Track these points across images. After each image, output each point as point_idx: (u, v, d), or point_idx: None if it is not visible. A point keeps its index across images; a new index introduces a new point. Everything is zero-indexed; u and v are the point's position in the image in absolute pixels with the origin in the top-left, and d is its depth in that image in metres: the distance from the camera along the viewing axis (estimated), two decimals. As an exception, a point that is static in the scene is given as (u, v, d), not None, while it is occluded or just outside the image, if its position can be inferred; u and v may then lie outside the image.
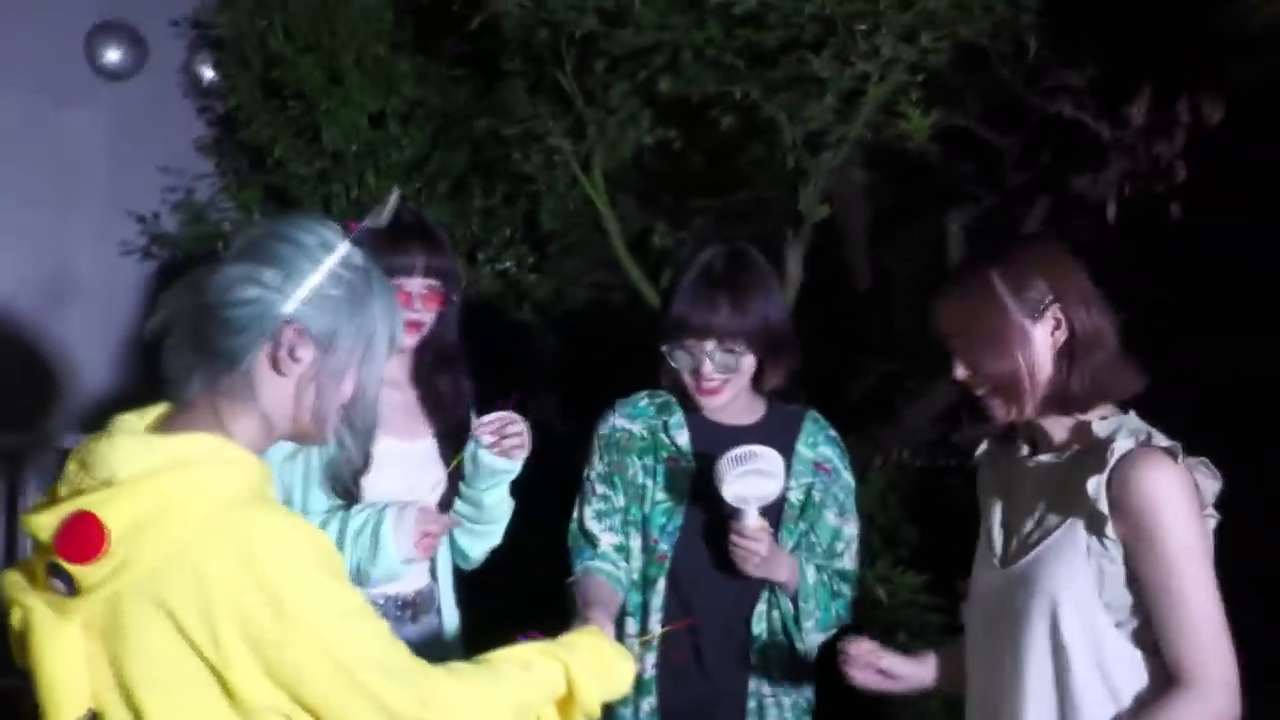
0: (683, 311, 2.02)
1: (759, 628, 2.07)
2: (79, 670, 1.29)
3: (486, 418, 2.03)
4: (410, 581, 2.06)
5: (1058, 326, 1.61)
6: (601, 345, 3.74)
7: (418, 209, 2.33)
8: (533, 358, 3.65)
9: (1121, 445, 1.56)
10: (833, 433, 2.19)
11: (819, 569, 2.09)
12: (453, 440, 2.10)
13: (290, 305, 1.33)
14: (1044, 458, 1.66)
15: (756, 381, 2.10)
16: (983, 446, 1.79)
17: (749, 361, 2.05)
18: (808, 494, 2.11)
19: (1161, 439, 1.59)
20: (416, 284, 2.04)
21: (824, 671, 2.08)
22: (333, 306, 1.35)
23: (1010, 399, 1.63)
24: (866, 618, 2.56)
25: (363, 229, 1.44)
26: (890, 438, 3.45)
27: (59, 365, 3.63)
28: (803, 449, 2.13)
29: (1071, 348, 1.61)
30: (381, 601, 2.01)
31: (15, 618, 1.32)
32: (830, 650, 2.17)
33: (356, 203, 3.43)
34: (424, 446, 2.12)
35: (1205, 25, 2.70)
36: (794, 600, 2.05)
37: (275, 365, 1.35)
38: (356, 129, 3.46)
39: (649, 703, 2.06)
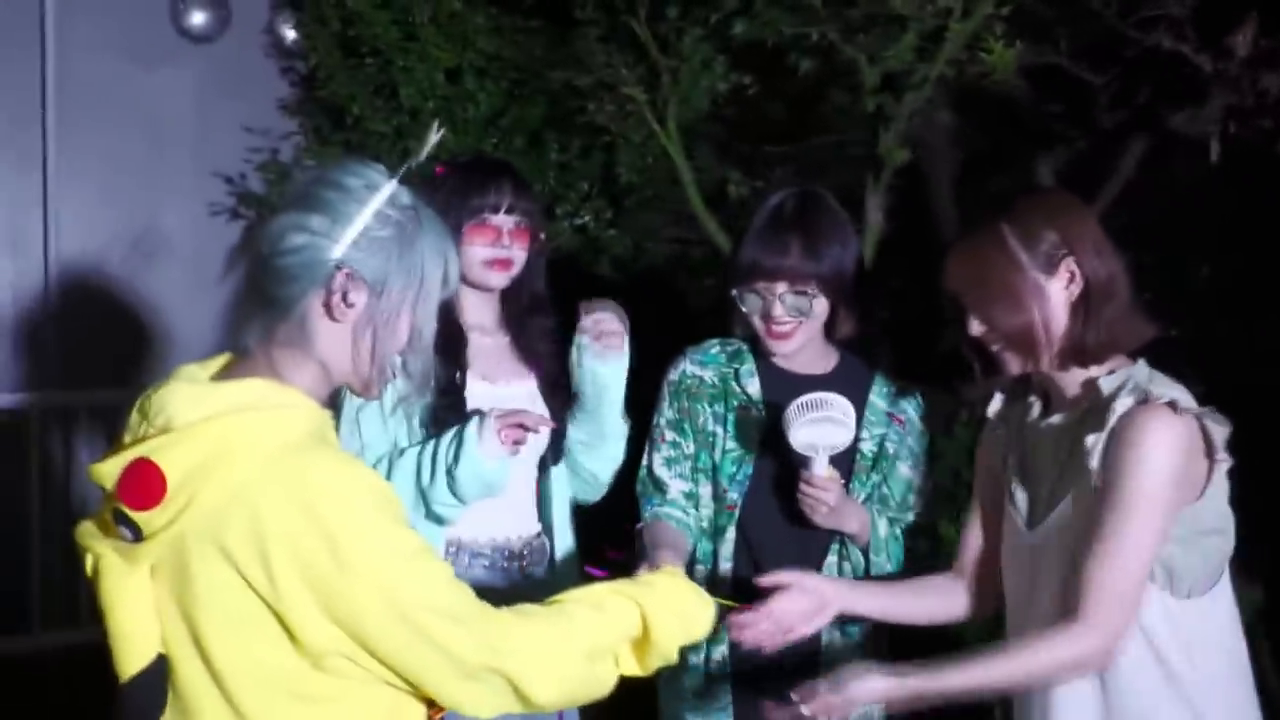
0: (753, 254, 2.00)
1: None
2: (148, 615, 1.31)
3: (585, 320, 2.03)
4: (516, 528, 2.06)
5: (1072, 279, 1.62)
6: (681, 301, 3.71)
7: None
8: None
9: (1122, 404, 1.58)
10: (908, 384, 2.13)
11: (891, 522, 2.05)
12: (554, 389, 2.10)
13: (339, 250, 1.33)
14: (1055, 419, 1.67)
15: (829, 329, 2.06)
16: (995, 404, 1.77)
17: (821, 305, 2.01)
18: (881, 445, 2.06)
19: (1165, 391, 1.59)
20: (505, 220, 2.03)
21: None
22: (382, 248, 1.34)
23: (1026, 353, 1.63)
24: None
25: (410, 165, 1.43)
26: (974, 391, 3.35)
27: (151, 324, 3.74)
28: (876, 399, 2.08)
29: (1086, 299, 1.62)
30: (489, 551, 2.02)
31: (89, 566, 1.35)
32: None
33: (434, 160, 3.44)
34: (524, 390, 2.10)
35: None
36: (865, 553, 2.02)
37: (329, 311, 1.34)
38: (433, 85, 3.48)
39: (720, 651, 2.04)
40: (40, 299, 3.78)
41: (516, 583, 2.03)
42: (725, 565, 2.04)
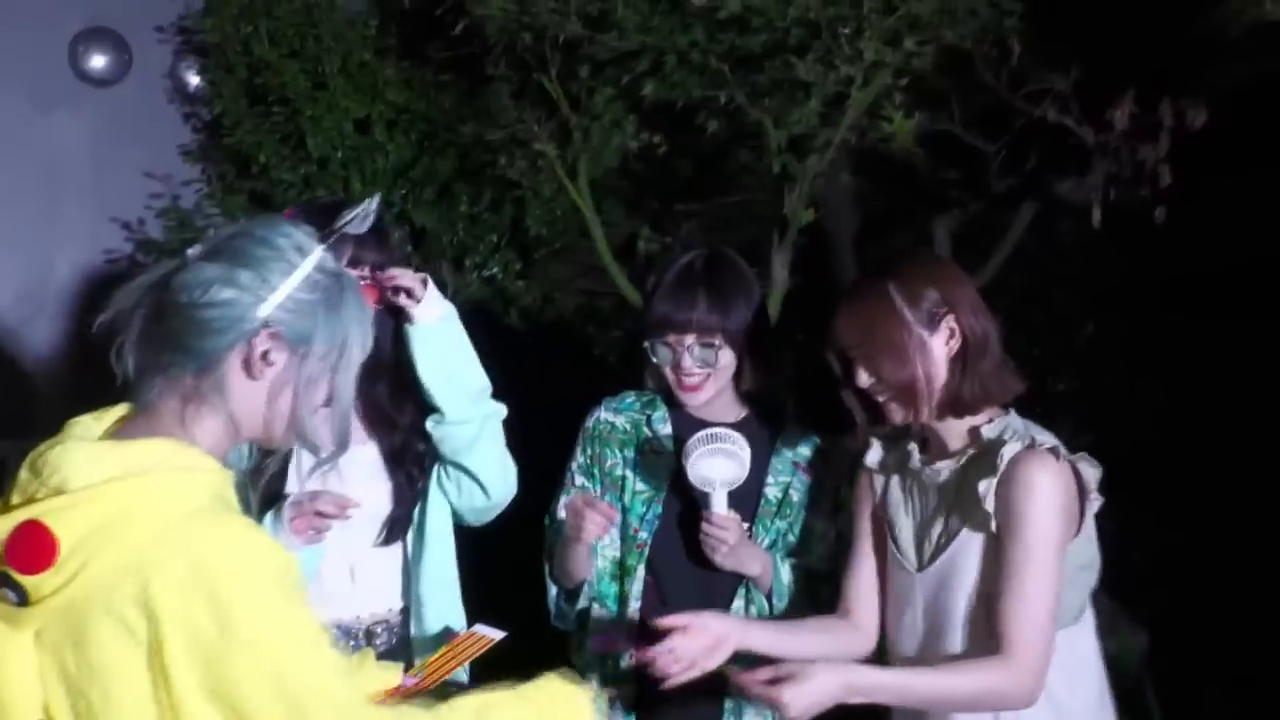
0: (664, 308, 2.07)
1: None
2: (31, 680, 1.26)
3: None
4: (366, 605, 1.97)
5: (951, 335, 1.74)
6: (588, 351, 3.74)
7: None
8: (520, 365, 3.64)
9: (1010, 449, 1.69)
10: (814, 435, 2.19)
11: (794, 568, 2.09)
12: (400, 455, 2.01)
13: (266, 309, 1.31)
14: (941, 465, 1.78)
15: (737, 382, 2.12)
16: (874, 453, 1.88)
17: (727, 356, 2.07)
18: (785, 492, 2.12)
19: (1046, 438, 1.72)
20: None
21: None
22: (309, 310, 1.34)
23: (909, 403, 1.73)
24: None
25: (340, 231, 1.42)
26: (855, 440, 3.44)
27: (43, 372, 3.62)
28: (783, 447, 2.14)
29: (965, 355, 1.74)
30: (333, 631, 1.91)
31: None
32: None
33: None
34: (362, 457, 2.00)
35: (1187, 28, 2.71)
36: (768, 597, 2.06)
37: (249, 369, 1.32)
38: (341, 135, 3.46)
39: (627, 691, 2.05)
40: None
41: None
42: (634, 605, 2.06)
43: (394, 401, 2.02)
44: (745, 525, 2.06)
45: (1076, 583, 1.75)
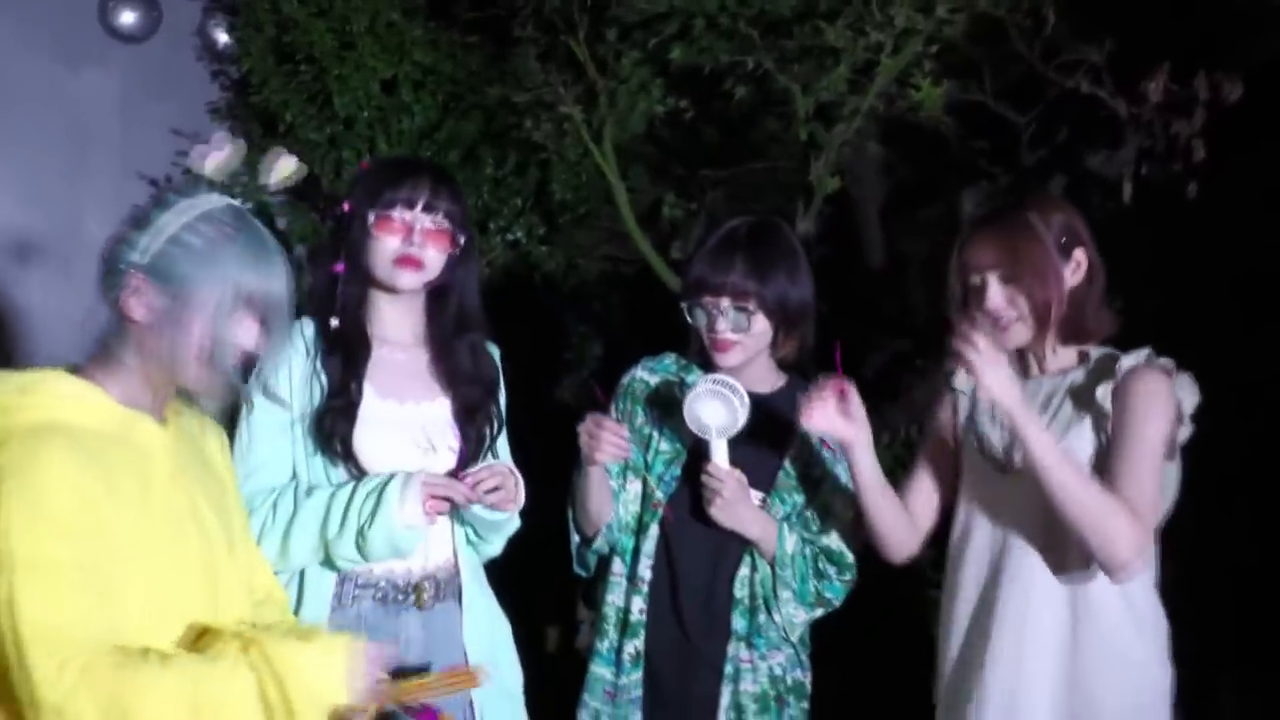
0: (701, 270, 2.08)
1: (741, 591, 2.08)
2: None
3: (466, 478, 1.89)
4: (417, 558, 1.91)
5: (1078, 267, 1.87)
6: (611, 319, 3.74)
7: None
8: (545, 331, 3.64)
9: (1128, 361, 1.83)
10: None
11: (802, 540, 2.09)
12: (472, 413, 1.97)
13: (138, 254, 1.45)
14: (1045, 379, 1.89)
15: (774, 351, 2.13)
16: (962, 376, 1.98)
17: (761, 324, 2.06)
18: (808, 467, 2.11)
19: (1160, 360, 1.85)
20: (419, 218, 1.90)
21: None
22: (184, 257, 1.44)
23: (1041, 324, 1.84)
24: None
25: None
26: (899, 415, 3.43)
27: (70, 329, 3.65)
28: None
29: (1087, 285, 1.87)
30: (381, 583, 1.89)
31: None
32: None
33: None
34: (433, 411, 1.96)
35: (1224, 1, 2.66)
36: (771, 565, 2.06)
37: (128, 311, 1.45)
38: (368, 95, 3.45)
39: (634, 645, 2.08)
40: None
41: (406, 617, 1.90)
42: (646, 561, 2.08)
43: (470, 359, 2.00)
44: (761, 496, 2.05)
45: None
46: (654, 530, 2.09)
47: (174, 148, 3.77)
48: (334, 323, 1.93)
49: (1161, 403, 1.79)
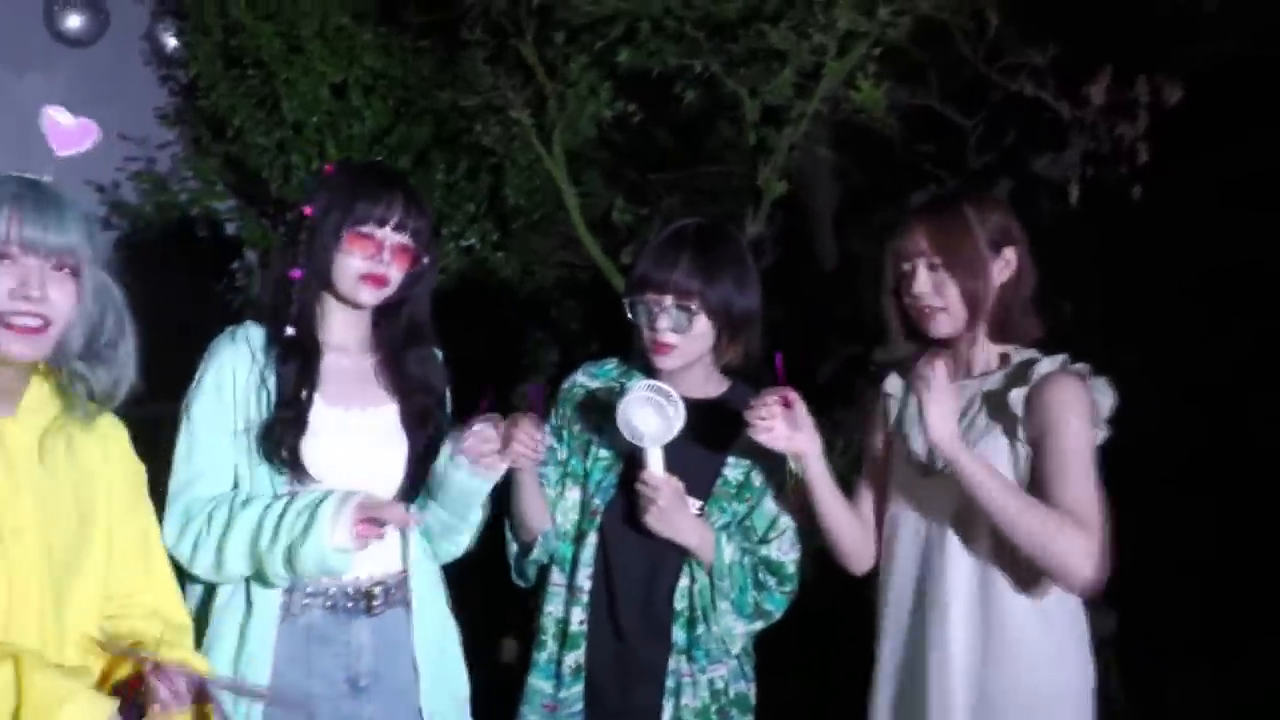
0: (645, 266, 2.04)
1: (680, 603, 2.04)
2: None
3: (468, 433, 1.87)
4: (367, 566, 1.88)
5: (1007, 265, 1.88)
6: (566, 325, 3.72)
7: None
8: (501, 337, 3.62)
9: (1044, 366, 1.84)
10: None
11: (741, 550, 2.05)
12: (417, 420, 1.96)
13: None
14: (967, 382, 1.91)
15: (716, 356, 2.08)
16: (892, 380, 2.01)
17: (702, 324, 2.02)
18: (748, 475, 2.07)
19: (1075, 365, 1.86)
20: (391, 236, 1.90)
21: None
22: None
23: (971, 314, 1.86)
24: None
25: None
26: (853, 421, 3.43)
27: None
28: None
29: (1015, 286, 1.88)
30: (331, 592, 1.87)
31: None
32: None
33: (317, 174, 3.40)
34: (380, 418, 1.95)
35: (1163, 5, 2.68)
36: (710, 575, 2.02)
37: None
38: (317, 100, 3.43)
39: (574, 658, 2.04)
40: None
41: (357, 624, 1.89)
42: (585, 570, 2.04)
43: (420, 368, 1.98)
44: (699, 505, 2.03)
45: None
46: (592, 539, 2.04)
47: (121, 153, 3.74)
48: (289, 331, 1.90)
49: (1079, 408, 1.79)
